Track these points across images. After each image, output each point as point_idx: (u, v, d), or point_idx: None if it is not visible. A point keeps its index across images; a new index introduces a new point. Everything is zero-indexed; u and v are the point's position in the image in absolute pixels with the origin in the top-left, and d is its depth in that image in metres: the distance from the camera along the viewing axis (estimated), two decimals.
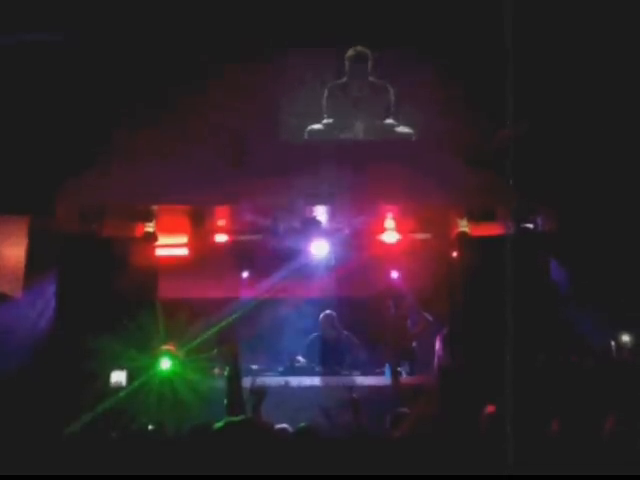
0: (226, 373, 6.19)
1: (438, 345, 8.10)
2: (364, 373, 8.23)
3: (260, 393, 5.83)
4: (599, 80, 7.56)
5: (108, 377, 7.53)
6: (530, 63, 7.59)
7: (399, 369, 8.15)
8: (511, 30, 7.58)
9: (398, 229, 8.70)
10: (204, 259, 8.92)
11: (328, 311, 8.79)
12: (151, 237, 8.35)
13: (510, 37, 7.61)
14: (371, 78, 8.17)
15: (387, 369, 8.18)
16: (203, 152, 7.69)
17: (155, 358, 7.39)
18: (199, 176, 7.61)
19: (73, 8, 7.41)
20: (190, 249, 8.98)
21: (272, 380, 7.57)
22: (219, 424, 4.89)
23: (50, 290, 7.86)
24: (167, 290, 8.31)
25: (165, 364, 7.35)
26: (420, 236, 9.04)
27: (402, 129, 8.13)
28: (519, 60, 7.62)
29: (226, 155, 7.70)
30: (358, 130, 8.17)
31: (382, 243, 8.77)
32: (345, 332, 8.76)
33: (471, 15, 7.62)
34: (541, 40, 7.56)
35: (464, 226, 8.43)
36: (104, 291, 7.68)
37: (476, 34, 7.66)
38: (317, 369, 8.35)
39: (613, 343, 7.83)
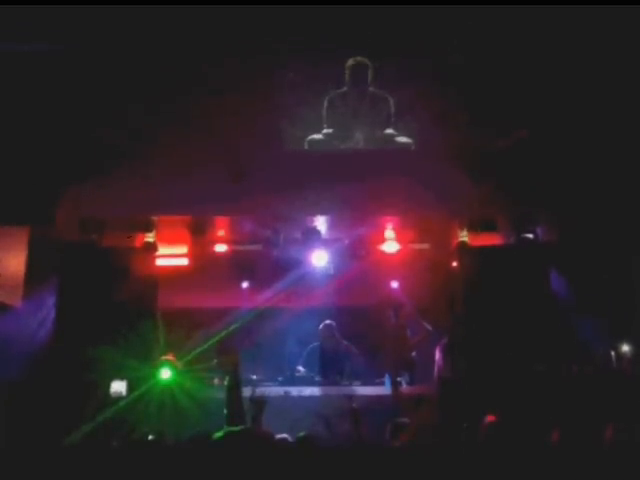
0: (226, 383, 6.19)
1: (438, 355, 8.09)
2: (364, 383, 8.20)
3: (260, 403, 5.83)
4: (599, 91, 7.58)
5: (108, 387, 7.51)
6: (529, 71, 7.63)
7: (399, 379, 8.13)
8: (510, 40, 7.66)
9: (398, 239, 8.69)
10: (204, 269, 8.91)
11: (328, 321, 8.78)
12: (151, 247, 8.35)
13: (508, 46, 7.69)
14: (371, 88, 8.19)
15: (387, 379, 8.17)
16: (203, 165, 7.70)
17: (155, 368, 7.39)
18: (199, 189, 7.63)
19: (76, 16, 7.43)
20: (190, 259, 8.98)
21: (272, 390, 7.55)
22: (219, 434, 4.88)
23: (50, 300, 7.83)
24: (167, 300, 8.30)
25: (165, 374, 7.36)
26: (420, 246, 9.04)
27: (402, 139, 8.15)
28: (518, 68, 7.69)
29: (226, 169, 7.71)
30: (358, 140, 8.19)
31: (382, 253, 8.76)
32: (345, 342, 8.74)
33: (470, 25, 7.65)
34: (539, 48, 7.58)
35: (464, 236, 8.43)
36: (104, 301, 7.67)
37: (475, 44, 7.69)
38: (317, 379, 8.32)
39: (613, 353, 7.83)
